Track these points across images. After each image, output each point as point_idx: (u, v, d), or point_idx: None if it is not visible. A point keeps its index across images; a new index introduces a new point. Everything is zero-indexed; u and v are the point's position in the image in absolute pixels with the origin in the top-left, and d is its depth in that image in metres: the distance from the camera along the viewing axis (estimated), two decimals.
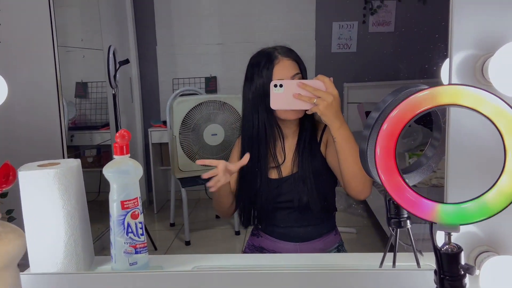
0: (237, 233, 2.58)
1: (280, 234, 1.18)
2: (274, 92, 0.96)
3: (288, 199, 1.13)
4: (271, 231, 1.20)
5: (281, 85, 0.95)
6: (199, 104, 2.48)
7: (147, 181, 3.05)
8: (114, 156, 0.81)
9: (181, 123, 2.46)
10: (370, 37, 3.26)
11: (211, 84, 3.21)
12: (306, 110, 0.98)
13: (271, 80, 1.05)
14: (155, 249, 2.35)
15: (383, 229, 2.27)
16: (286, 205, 1.14)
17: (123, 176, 0.81)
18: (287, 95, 0.95)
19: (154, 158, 2.95)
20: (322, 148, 1.14)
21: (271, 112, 1.08)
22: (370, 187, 1.06)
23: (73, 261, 0.83)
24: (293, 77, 1.06)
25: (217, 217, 2.74)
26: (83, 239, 0.85)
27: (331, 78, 0.96)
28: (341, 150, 1.01)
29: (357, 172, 1.02)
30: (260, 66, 1.08)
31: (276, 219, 1.17)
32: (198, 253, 0.93)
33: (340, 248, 1.21)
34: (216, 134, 2.48)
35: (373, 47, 3.24)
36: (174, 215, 2.74)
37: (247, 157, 1.02)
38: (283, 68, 1.07)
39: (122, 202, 0.80)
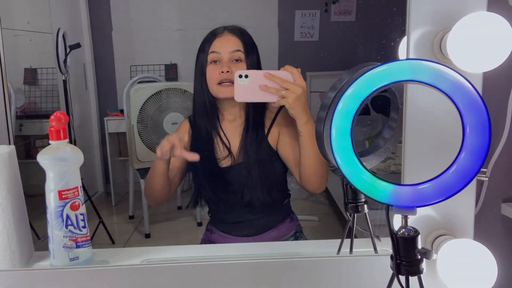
0: (199, 224, 2.52)
1: (230, 229, 1.14)
2: (238, 83, 0.88)
3: (233, 190, 1.08)
4: (221, 226, 1.16)
5: (246, 76, 0.88)
6: (158, 92, 2.38)
7: (104, 172, 2.94)
8: (50, 142, 0.74)
9: (139, 112, 2.36)
10: (332, 26, 3.26)
11: (171, 72, 3.11)
12: (273, 103, 0.92)
13: (208, 53, 1.01)
14: (113, 242, 2.26)
15: (344, 216, 2.29)
16: (232, 197, 1.09)
17: (60, 163, 0.73)
18: (252, 87, 0.88)
19: (111, 149, 2.83)
20: (270, 139, 1.08)
21: (207, 88, 1.04)
22: (327, 181, 1.03)
23: (6, 257, 0.75)
24: (231, 53, 1.01)
25: (179, 208, 2.67)
26: (18, 233, 0.77)
27: (299, 69, 0.90)
28: (305, 145, 0.96)
29: (319, 168, 0.98)
30: (204, 40, 1.04)
31: (224, 213, 1.13)
32: (159, 246, 0.87)
33: (298, 235, 1.18)
34: (177, 123, 2.39)
35: (335, 36, 3.24)
36: (133, 207, 2.64)
37: (194, 156, 0.97)
38: (222, 42, 1.02)
39: (60, 192, 0.73)
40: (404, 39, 0.69)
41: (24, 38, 2.22)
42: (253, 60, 1.04)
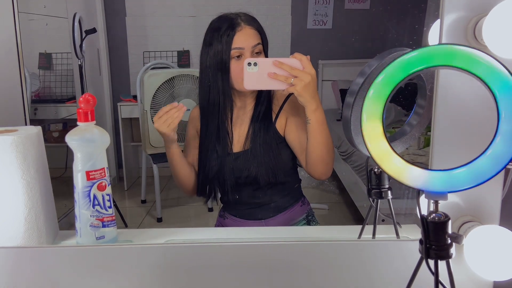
0: (210, 209, 2.55)
1: (242, 213, 1.16)
2: (247, 71, 0.88)
3: (242, 175, 1.09)
4: (233, 211, 1.18)
5: (255, 64, 0.87)
6: (171, 78, 2.39)
7: (117, 157, 2.96)
8: (78, 123, 0.75)
9: (152, 98, 2.37)
10: (345, 14, 3.23)
11: (183, 58, 3.11)
12: (282, 90, 0.91)
13: (230, 47, 1.00)
14: (126, 225, 2.29)
15: (355, 205, 2.30)
16: (241, 181, 1.10)
17: (88, 144, 0.74)
18: (261, 75, 0.88)
19: (124, 134, 2.85)
20: (278, 126, 1.09)
21: (227, 81, 1.02)
22: (332, 168, 1.03)
23: (34, 235, 0.77)
24: (254, 47, 1.01)
25: None
26: (45, 212, 0.79)
27: (308, 57, 0.89)
28: (313, 133, 0.96)
29: (325, 155, 0.99)
30: (221, 31, 1.01)
31: (235, 197, 1.13)
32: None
33: (310, 219, 1.19)
34: (189, 110, 2.39)
35: (349, 24, 3.21)
36: (145, 192, 2.67)
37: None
38: (244, 36, 1.01)
39: (88, 173, 0.75)
40: (435, 24, 0.68)
41: (38, 23, 2.22)
42: (266, 49, 1.05)
